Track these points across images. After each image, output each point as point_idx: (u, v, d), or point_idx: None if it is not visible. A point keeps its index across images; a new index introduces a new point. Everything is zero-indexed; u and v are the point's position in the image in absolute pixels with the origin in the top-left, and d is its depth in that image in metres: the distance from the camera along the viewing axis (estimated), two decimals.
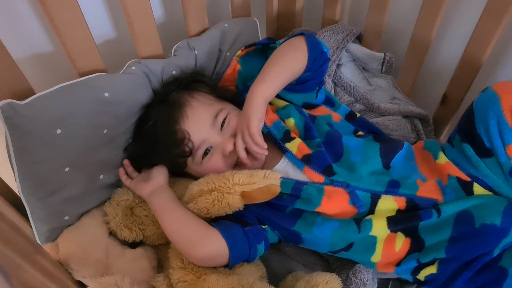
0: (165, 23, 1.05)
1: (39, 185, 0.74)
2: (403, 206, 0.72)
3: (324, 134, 0.82)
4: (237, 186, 0.73)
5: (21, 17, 0.83)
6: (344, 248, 0.74)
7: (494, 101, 0.67)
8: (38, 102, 0.72)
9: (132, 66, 0.86)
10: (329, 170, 0.76)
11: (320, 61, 0.84)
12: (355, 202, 0.73)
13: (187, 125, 0.81)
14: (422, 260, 0.70)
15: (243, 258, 0.75)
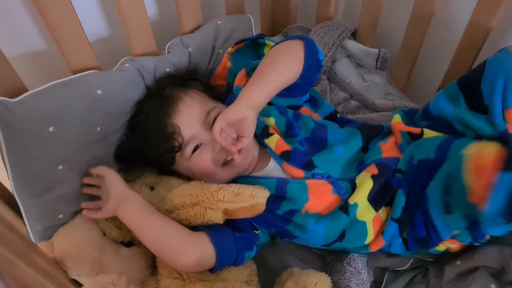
0: (159, 20, 1.05)
1: (32, 183, 0.73)
2: (375, 171, 0.74)
3: (310, 129, 0.82)
4: (221, 203, 0.71)
5: (14, 16, 0.82)
6: (337, 238, 0.75)
7: (508, 62, 0.66)
8: (30, 100, 0.71)
9: (125, 64, 0.86)
10: (309, 165, 0.77)
11: (314, 69, 0.81)
12: (338, 190, 0.74)
13: (178, 120, 0.80)
14: (395, 215, 0.72)
15: (229, 263, 0.74)
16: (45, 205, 0.76)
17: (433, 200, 0.66)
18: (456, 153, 0.65)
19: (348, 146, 0.80)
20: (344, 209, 0.73)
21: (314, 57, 0.80)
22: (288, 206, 0.75)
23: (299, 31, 1.14)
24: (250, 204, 0.71)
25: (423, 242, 0.71)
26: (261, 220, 0.78)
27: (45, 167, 0.74)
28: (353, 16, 1.20)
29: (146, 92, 0.88)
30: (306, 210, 0.74)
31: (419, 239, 0.71)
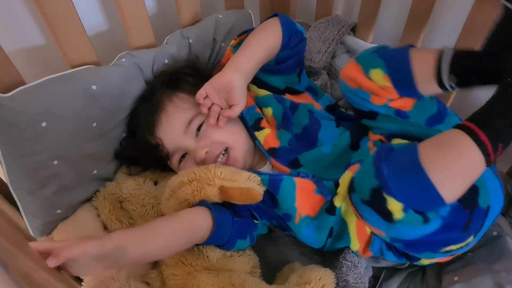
0: (158, 15, 1.05)
1: (27, 178, 0.73)
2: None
3: (302, 126, 0.82)
4: (217, 179, 0.71)
5: (13, 10, 0.82)
6: (328, 235, 0.75)
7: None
8: (22, 95, 0.71)
9: (122, 58, 0.85)
10: (295, 163, 0.77)
11: (296, 39, 0.83)
12: (322, 191, 0.73)
13: (160, 132, 0.80)
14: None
15: (218, 243, 0.74)
16: (42, 200, 0.76)
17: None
18: None
19: (335, 145, 0.80)
20: (330, 211, 0.73)
21: (293, 27, 0.83)
22: (282, 210, 0.75)
23: None
24: (246, 187, 0.71)
25: (406, 256, 0.72)
26: (263, 212, 0.79)
27: (40, 162, 0.74)
28: (352, 12, 1.19)
29: (145, 87, 0.88)
30: (299, 214, 0.74)
31: (402, 253, 0.71)
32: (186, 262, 0.73)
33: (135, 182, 0.86)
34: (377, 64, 0.72)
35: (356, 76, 0.74)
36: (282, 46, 0.81)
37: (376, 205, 0.56)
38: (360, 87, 0.75)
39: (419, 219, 0.56)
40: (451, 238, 0.61)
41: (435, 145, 0.58)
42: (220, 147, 0.78)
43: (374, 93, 0.74)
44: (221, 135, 0.79)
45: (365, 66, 0.73)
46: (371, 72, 0.72)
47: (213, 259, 0.74)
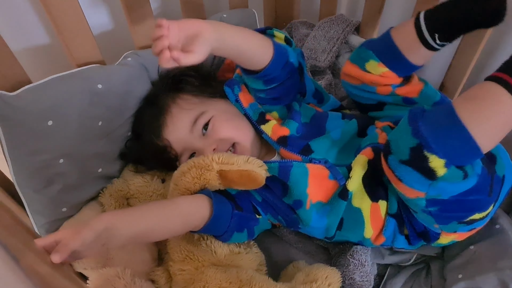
0: (163, 14, 1.05)
1: (33, 177, 0.73)
2: (371, 155, 0.73)
3: (311, 115, 0.83)
4: (215, 163, 0.71)
5: (19, 9, 0.82)
6: (337, 227, 0.75)
7: None
8: (28, 94, 0.71)
9: (128, 58, 0.85)
10: (306, 149, 0.77)
11: (286, 70, 0.77)
12: (335, 176, 0.74)
13: (167, 134, 0.80)
14: (391, 211, 0.71)
15: (214, 233, 0.74)
16: (47, 198, 0.76)
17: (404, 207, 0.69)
18: None
19: (344, 131, 0.80)
20: (342, 196, 0.73)
21: (283, 56, 0.76)
22: (292, 197, 0.74)
23: (302, 26, 1.14)
24: (246, 169, 0.71)
25: (424, 236, 0.71)
26: (269, 206, 0.78)
27: (46, 160, 0.74)
28: (355, 11, 1.19)
29: (150, 87, 0.88)
30: (310, 200, 0.74)
31: (420, 233, 0.71)
32: (194, 258, 0.73)
33: (143, 179, 0.86)
34: (368, 56, 0.77)
35: (355, 73, 0.80)
36: (271, 69, 0.75)
37: (417, 164, 0.56)
38: (363, 82, 0.80)
39: (460, 174, 0.56)
40: (479, 201, 0.61)
41: (470, 98, 0.58)
42: (227, 143, 0.79)
43: (377, 83, 0.78)
44: (228, 131, 0.79)
45: (360, 62, 0.79)
46: (366, 66, 0.78)
47: (220, 255, 0.74)
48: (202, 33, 0.62)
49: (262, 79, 0.77)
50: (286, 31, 1.17)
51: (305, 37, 1.10)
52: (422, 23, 0.72)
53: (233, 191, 0.77)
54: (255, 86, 0.80)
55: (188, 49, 0.60)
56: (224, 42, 0.67)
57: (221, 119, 0.80)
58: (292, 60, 0.78)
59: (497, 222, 0.76)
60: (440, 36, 0.72)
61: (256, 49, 0.73)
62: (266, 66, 0.74)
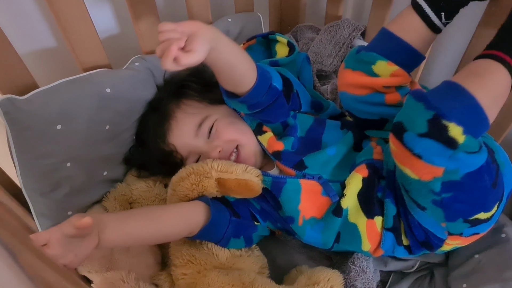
0: (169, 19, 1.05)
1: (40, 180, 0.74)
2: (365, 173, 0.73)
3: (307, 128, 0.82)
4: (214, 171, 0.72)
5: (26, 13, 0.83)
6: (335, 239, 0.75)
7: None
8: (38, 97, 0.72)
9: (135, 62, 0.86)
10: (300, 165, 0.77)
11: (269, 96, 0.75)
12: (328, 192, 0.73)
13: (172, 139, 0.81)
14: (387, 225, 0.71)
15: (211, 240, 0.75)
16: (54, 202, 0.76)
17: (407, 202, 0.67)
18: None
19: (339, 147, 0.79)
20: (337, 213, 0.72)
21: (265, 82, 0.73)
22: (285, 212, 0.75)
23: (308, 30, 1.14)
24: (244, 178, 0.71)
25: (426, 245, 0.71)
26: (268, 215, 0.79)
27: (53, 164, 0.74)
28: (361, 16, 1.19)
29: (156, 92, 0.89)
30: (302, 216, 0.74)
31: (422, 242, 0.71)
32: (196, 262, 0.73)
33: (146, 184, 0.86)
34: (373, 58, 0.73)
35: (363, 81, 0.74)
36: (253, 94, 0.72)
37: (438, 134, 0.55)
38: (374, 90, 0.75)
39: (476, 144, 0.56)
40: (486, 192, 0.61)
41: (470, 73, 0.60)
42: (232, 145, 0.79)
43: (389, 86, 0.74)
44: (232, 134, 0.80)
45: (365, 67, 0.74)
46: (374, 69, 0.73)
47: (222, 258, 0.74)
48: (200, 31, 0.61)
49: (245, 103, 0.74)
50: (291, 34, 1.17)
51: (310, 41, 1.10)
52: (426, 7, 0.72)
53: (231, 198, 0.77)
54: (240, 109, 0.79)
55: (188, 49, 0.59)
56: (221, 45, 0.65)
57: (225, 122, 0.81)
58: (275, 84, 0.75)
59: (502, 231, 0.76)
60: (446, 15, 0.72)
61: (244, 68, 0.71)
62: (249, 91, 0.71)
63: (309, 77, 0.98)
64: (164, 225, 0.68)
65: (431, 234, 0.69)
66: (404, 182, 0.64)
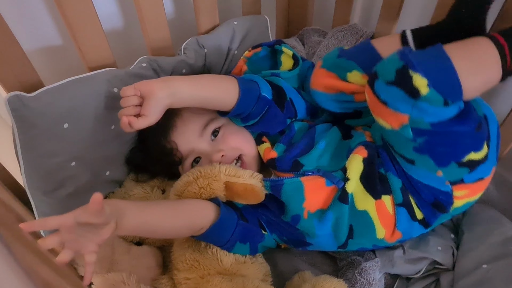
0: (175, 19, 1.05)
1: (44, 179, 0.73)
2: (365, 153, 0.74)
3: (301, 135, 0.83)
4: (223, 174, 0.72)
5: (32, 10, 0.83)
6: (348, 234, 0.74)
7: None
8: (46, 95, 0.71)
9: (142, 63, 0.85)
10: (296, 165, 0.77)
11: (261, 107, 0.78)
12: (332, 181, 0.74)
13: (175, 136, 0.80)
14: (397, 200, 0.72)
15: (216, 243, 0.74)
16: (56, 201, 0.76)
17: (400, 163, 0.70)
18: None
19: (327, 140, 0.80)
20: (343, 199, 0.72)
21: (251, 93, 0.77)
22: (289, 213, 0.75)
23: (315, 33, 1.14)
24: (251, 184, 0.72)
25: (438, 206, 0.71)
26: (274, 225, 0.78)
27: (58, 163, 0.74)
28: (369, 21, 1.19)
29: None
30: (307, 211, 0.74)
31: (432, 203, 0.71)
32: (199, 266, 0.73)
33: (143, 190, 0.86)
34: (350, 67, 0.76)
35: (334, 83, 0.78)
36: (241, 108, 0.76)
37: (402, 83, 0.58)
38: (341, 91, 0.78)
39: (440, 99, 0.58)
40: (467, 134, 0.63)
41: (460, 43, 0.64)
42: (235, 153, 0.80)
43: (356, 92, 0.77)
44: (238, 141, 0.81)
45: (340, 72, 0.77)
46: (348, 76, 0.76)
47: (227, 263, 0.74)
48: (153, 94, 0.67)
49: (238, 117, 0.78)
50: (298, 37, 1.17)
51: (317, 45, 1.09)
52: (410, 41, 0.76)
53: (239, 204, 0.77)
54: (236, 123, 0.82)
55: (141, 113, 0.67)
56: (179, 94, 0.70)
57: (233, 128, 0.82)
58: (264, 94, 0.78)
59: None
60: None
61: (218, 94, 0.75)
62: (234, 106, 0.75)
63: None
64: (179, 217, 0.69)
65: (436, 191, 0.69)
66: (386, 138, 0.69)
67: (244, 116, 0.78)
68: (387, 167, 0.72)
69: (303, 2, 1.15)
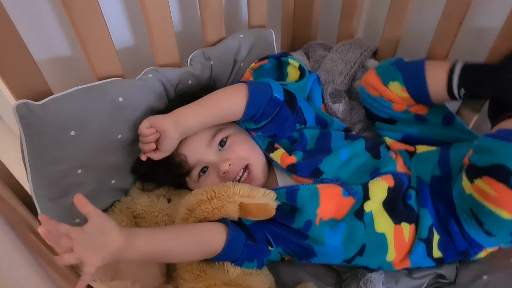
0: (182, 31, 1.06)
1: (51, 186, 0.74)
2: (392, 183, 0.75)
3: (315, 140, 0.85)
4: (237, 196, 0.73)
5: (44, 21, 0.84)
6: (358, 252, 0.74)
7: None
8: (54, 103, 0.72)
9: (148, 74, 0.86)
10: (316, 172, 0.78)
11: (272, 107, 0.80)
12: (349, 191, 0.74)
13: (183, 148, 0.81)
14: (422, 236, 0.72)
15: (225, 261, 0.75)
16: (62, 208, 0.76)
17: (469, 225, 0.68)
18: (457, 166, 0.73)
19: (352, 150, 0.82)
20: (358, 215, 0.73)
21: (261, 98, 0.79)
22: (302, 218, 0.75)
23: (319, 47, 1.15)
24: (264, 203, 0.72)
25: (465, 254, 0.72)
26: (279, 238, 0.78)
27: (65, 170, 0.75)
28: (373, 35, 1.20)
29: (166, 104, 0.89)
30: (320, 218, 0.74)
31: (462, 252, 0.72)
32: (206, 277, 0.73)
33: (149, 199, 0.87)
34: (395, 77, 0.82)
35: (377, 85, 0.85)
36: (247, 111, 0.79)
37: None
38: (381, 96, 0.85)
39: None
40: None
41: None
42: (242, 163, 0.80)
43: (394, 101, 0.84)
44: (246, 151, 0.82)
45: (385, 78, 0.84)
46: (390, 84, 0.83)
47: (233, 274, 0.74)
48: (166, 135, 0.75)
49: (251, 120, 0.81)
50: (303, 51, 1.18)
51: (322, 59, 1.10)
52: (456, 71, 0.77)
53: (247, 221, 0.77)
54: (248, 126, 0.84)
55: (158, 147, 0.78)
56: (190, 129, 0.78)
57: (240, 138, 0.83)
58: (276, 95, 0.81)
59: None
60: (465, 92, 0.77)
61: (227, 109, 0.79)
62: (244, 112, 0.78)
63: (318, 97, 1.00)
64: (193, 242, 0.70)
65: (477, 245, 0.70)
66: (482, 218, 0.64)
67: (257, 118, 0.80)
68: (425, 204, 0.73)
69: (308, 17, 1.17)
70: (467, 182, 0.65)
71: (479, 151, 0.64)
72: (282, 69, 0.97)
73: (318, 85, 0.99)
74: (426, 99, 0.82)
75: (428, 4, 1.05)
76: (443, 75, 0.78)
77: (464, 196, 0.66)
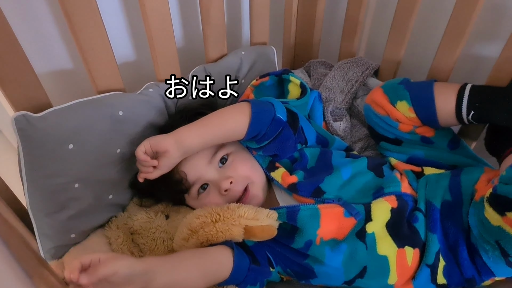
0: (186, 49, 1.07)
1: (47, 200, 0.73)
2: (395, 204, 0.74)
3: (315, 159, 0.84)
4: (242, 219, 0.71)
5: (46, 34, 0.84)
6: (358, 274, 0.73)
7: None
8: (53, 116, 0.72)
9: (149, 88, 0.86)
10: (317, 192, 0.77)
11: (275, 128, 0.79)
12: (350, 212, 0.73)
13: (184, 165, 0.80)
14: (429, 261, 0.70)
15: (228, 285, 0.73)
16: (58, 223, 0.75)
17: (489, 256, 0.66)
18: (468, 193, 0.72)
19: (354, 169, 0.80)
20: (360, 236, 0.72)
21: (264, 118, 0.78)
22: (302, 239, 0.74)
23: (321, 65, 1.15)
24: (267, 224, 0.71)
25: (471, 282, 0.71)
26: (279, 256, 0.77)
27: (62, 184, 0.74)
28: (374, 55, 1.20)
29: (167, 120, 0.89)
30: (320, 238, 0.73)
31: (468, 279, 0.70)
32: None
33: (147, 215, 0.85)
34: (403, 96, 0.81)
35: (384, 104, 0.83)
36: (254, 136, 0.78)
37: None
38: (388, 115, 0.83)
39: None
40: None
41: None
42: (244, 181, 0.80)
43: (401, 121, 0.83)
44: (246, 170, 0.81)
45: (392, 97, 0.82)
46: (398, 103, 0.82)
47: None
48: (168, 154, 0.74)
49: (252, 139, 0.80)
50: (304, 69, 1.18)
51: (323, 77, 1.11)
52: (465, 95, 0.76)
53: (249, 242, 0.76)
54: (249, 144, 0.83)
55: (157, 167, 0.75)
56: (191, 148, 0.76)
57: (242, 156, 0.82)
58: (279, 115, 0.80)
59: None
60: (474, 115, 0.76)
61: (229, 129, 0.78)
62: (246, 132, 0.77)
63: (319, 115, 0.99)
64: (208, 274, 0.68)
65: (488, 274, 0.68)
66: (506, 246, 0.62)
67: (259, 138, 0.79)
68: (434, 229, 0.71)
69: (309, 36, 1.17)
70: (494, 214, 0.62)
71: (509, 183, 0.61)
72: (283, 87, 0.97)
73: (319, 103, 0.99)
74: (433, 120, 0.81)
75: (429, 28, 1.05)
76: (452, 96, 0.77)
77: (488, 227, 0.64)
